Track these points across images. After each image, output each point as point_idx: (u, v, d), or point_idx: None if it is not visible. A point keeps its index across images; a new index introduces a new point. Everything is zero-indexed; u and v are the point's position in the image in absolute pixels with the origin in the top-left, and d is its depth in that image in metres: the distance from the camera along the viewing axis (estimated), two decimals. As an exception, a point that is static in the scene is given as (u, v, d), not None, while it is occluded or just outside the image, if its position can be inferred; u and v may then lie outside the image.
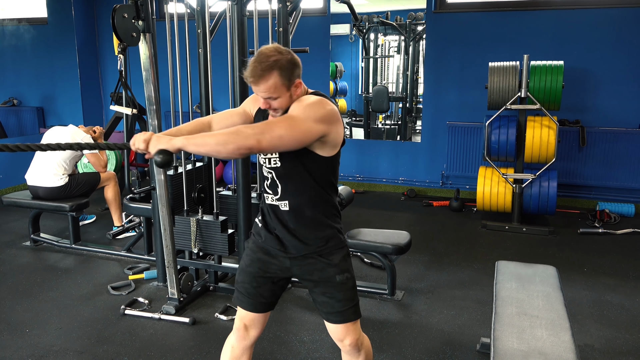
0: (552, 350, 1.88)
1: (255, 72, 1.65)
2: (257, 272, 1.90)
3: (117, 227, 4.48)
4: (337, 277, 1.83)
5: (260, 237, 1.90)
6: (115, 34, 2.65)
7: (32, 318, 3.08)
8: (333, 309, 1.85)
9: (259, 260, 1.90)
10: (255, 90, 1.69)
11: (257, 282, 1.90)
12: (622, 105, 5.17)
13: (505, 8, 5.38)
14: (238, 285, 1.94)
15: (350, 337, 1.88)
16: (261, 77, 1.65)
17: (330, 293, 1.84)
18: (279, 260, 1.87)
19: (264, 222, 1.89)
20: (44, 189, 4.11)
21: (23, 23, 6.75)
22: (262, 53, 1.67)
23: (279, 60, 1.66)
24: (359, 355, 1.95)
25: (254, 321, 1.94)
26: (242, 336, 1.95)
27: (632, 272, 3.74)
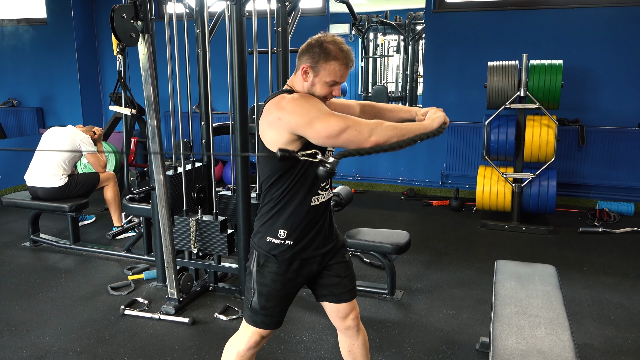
0: (551, 349, 1.88)
1: (351, 55, 1.74)
2: (289, 291, 1.87)
3: (117, 227, 4.48)
4: (347, 256, 1.97)
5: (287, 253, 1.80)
6: (114, 34, 2.65)
7: (32, 318, 3.08)
8: (345, 287, 1.93)
9: (290, 280, 1.83)
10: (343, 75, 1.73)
11: (289, 300, 1.90)
12: (622, 104, 5.17)
13: (504, 7, 5.38)
14: (267, 310, 1.84)
15: (355, 312, 1.98)
16: (353, 60, 1.75)
17: (343, 272, 1.93)
18: (311, 266, 1.86)
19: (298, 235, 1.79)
20: (43, 189, 4.11)
21: (22, 23, 6.76)
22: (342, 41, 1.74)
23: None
24: (358, 334, 2.01)
25: (272, 332, 1.94)
26: (254, 346, 1.92)
27: (631, 271, 3.74)
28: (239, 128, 3.04)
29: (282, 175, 1.75)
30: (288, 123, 1.65)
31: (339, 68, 1.70)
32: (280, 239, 1.79)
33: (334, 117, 1.62)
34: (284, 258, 1.81)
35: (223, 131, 3.59)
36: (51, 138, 4.26)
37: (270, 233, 1.80)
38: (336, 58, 1.69)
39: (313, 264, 1.87)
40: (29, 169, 4.21)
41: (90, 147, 4.30)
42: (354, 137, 1.58)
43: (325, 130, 1.60)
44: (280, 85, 3.33)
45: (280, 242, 1.80)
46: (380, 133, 1.58)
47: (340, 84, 1.73)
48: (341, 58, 1.70)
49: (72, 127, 4.36)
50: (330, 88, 1.73)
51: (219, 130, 3.57)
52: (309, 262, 1.85)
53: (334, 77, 1.71)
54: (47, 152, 4.14)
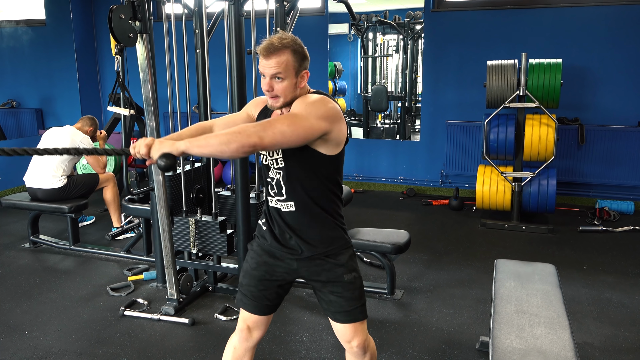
0: (551, 348, 1.88)
1: (271, 45, 1.66)
2: (262, 275, 1.88)
3: (116, 228, 4.48)
4: (345, 277, 1.84)
5: (266, 240, 1.88)
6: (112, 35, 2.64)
7: (32, 320, 3.07)
8: (341, 308, 1.84)
9: (264, 263, 1.88)
10: (264, 65, 1.68)
11: (263, 285, 1.88)
12: (621, 103, 5.16)
13: (503, 6, 5.38)
14: (242, 287, 1.91)
15: (358, 339, 1.88)
16: (275, 50, 1.66)
17: (338, 292, 1.84)
18: (286, 263, 1.86)
19: (269, 225, 1.87)
20: (42, 190, 4.10)
21: (21, 25, 6.75)
22: (280, 34, 1.71)
23: (295, 42, 1.70)
24: (364, 357, 1.94)
25: (257, 323, 1.93)
26: (245, 337, 1.94)
27: (631, 269, 3.74)
28: (238, 128, 3.03)
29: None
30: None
31: (260, 57, 1.69)
32: (262, 222, 1.93)
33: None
34: (260, 240, 1.92)
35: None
36: (50, 139, 4.26)
37: (261, 216, 1.95)
38: (258, 48, 1.69)
39: (292, 262, 1.85)
40: (28, 171, 4.21)
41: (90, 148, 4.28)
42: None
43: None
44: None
45: (261, 224, 1.93)
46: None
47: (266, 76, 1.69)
48: (260, 47, 1.69)
49: (71, 127, 4.35)
50: (263, 81, 1.72)
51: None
52: (274, 256, 1.86)
53: (259, 66, 1.72)
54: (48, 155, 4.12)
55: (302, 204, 1.79)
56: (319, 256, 1.83)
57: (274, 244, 1.86)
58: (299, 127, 1.61)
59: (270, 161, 1.80)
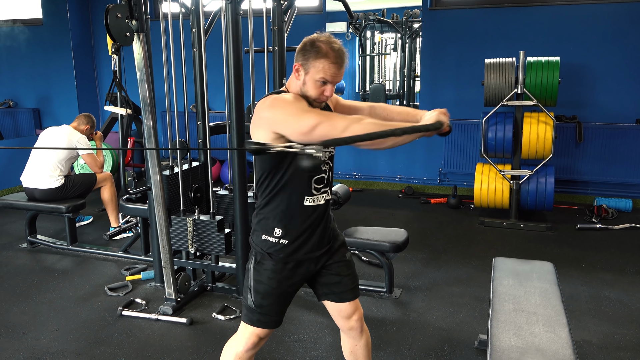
0: (549, 346, 1.88)
1: (343, 56, 1.70)
2: (285, 290, 1.85)
3: (114, 228, 4.47)
4: (347, 255, 1.95)
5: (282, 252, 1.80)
6: (108, 34, 2.63)
7: (29, 320, 3.07)
8: (347, 286, 1.92)
9: (286, 278, 1.83)
10: (334, 74, 1.69)
11: (285, 299, 1.88)
12: (619, 101, 5.17)
13: (500, 4, 5.38)
14: (263, 309, 1.83)
15: (358, 312, 1.97)
16: (345, 59, 1.72)
17: (343, 272, 1.91)
18: (305, 267, 1.85)
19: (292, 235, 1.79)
20: (40, 190, 4.09)
21: (18, 24, 6.74)
22: (336, 40, 1.72)
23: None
24: (361, 335, 2.00)
25: (270, 333, 1.93)
26: (252, 348, 1.90)
27: (629, 267, 3.74)
28: (235, 127, 3.03)
29: (271, 173, 1.76)
30: (268, 121, 1.67)
31: (329, 66, 1.67)
32: (276, 238, 1.80)
33: (308, 113, 1.62)
34: (279, 257, 1.81)
35: (219, 130, 3.58)
36: (47, 138, 4.25)
37: (265, 231, 1.81)
38: (326, 56, 1.67)
39: (310, 264, 1.86)
40: (25, 170, 4.20)
41: (85, 145, 4.27)
42: (327, 132, 1.55)
43: (297, 126, 1.60)
44: (276, 84, 3.33)
45: (275, 240, 1.80)
46: (357, 128, 1.52)
47: (332, 84, 1.71)
48: (331, 56, 1.67)
49: (67, 126, 4.34)
50: (322, 87, 1.71)
51: (215, 130, 3.56)
52: (305, 262, 1.85)
53: (323, 74, 1.68)
54: (43, 153, 4.12)
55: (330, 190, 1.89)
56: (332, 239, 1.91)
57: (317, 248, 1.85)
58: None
59: (324, 155, 1.79)
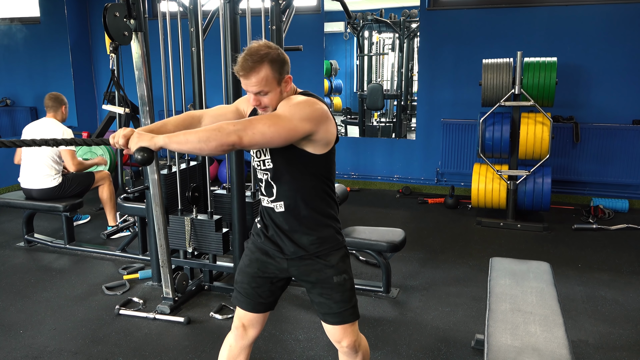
0: (546, 346, 1.89)
1: (246, 64, 1.64)
2: (255, 272, 1.89)
3: (112, 227, 4.46)
4: (335, 279, 1.81)
5: (260, 238, 1.89)
6: (106, 33, 2.63)
7: (26, 319, 3.06)
8: (330, 310, 1.83)
9: (257, 260, 1.89)
10: (246, 84, 1.67)
11: (256, 283, 1.89)
12: (616, 101, 5.18)
13: (498, 5, 5.39)
14: (237, 285, 1.93)
15: (348, 339, 1.87)
16: (252, 69, 1.63)
17: (327, 294, 1.82)
18: (277, 261, 1.87)
19: (263, 224, 1.89)
20: (37, 190, 4.08)
21: (15, 22, 6.72)
22: (251, 47, 1.67)
23: (269, 53, 1.66)
24: (356, 356, 1.94)
25: (252, 321, 1.93)
26: (240, 335, 1.94)
27: (625, 267, 3.76)
28: (233, 127, 3.02)
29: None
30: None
31: (240, 78, 1.68)
32: (257, 221, 1.94)
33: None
34: (254, 238, 1.93)
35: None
36: (31, 134, 4.12)
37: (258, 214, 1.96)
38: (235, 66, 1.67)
39: (280, 261, 1.85)
40: (22, 172, 4.15)
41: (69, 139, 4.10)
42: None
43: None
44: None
45: (256, 222, 1.94)
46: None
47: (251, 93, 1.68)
48: (236, 67, 1.66)
49: (48, 119, 4.17)
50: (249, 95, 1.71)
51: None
52: (267, 254, 1.87)
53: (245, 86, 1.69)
54: (36, 152, 4.04)
55: (291, 204, 1.78)
56: (308, 256, 1.82)
57: (266, 242, 1.87)
58: (281, 127, 1.60)
59: (257, 162, 1.80)
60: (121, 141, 1.61)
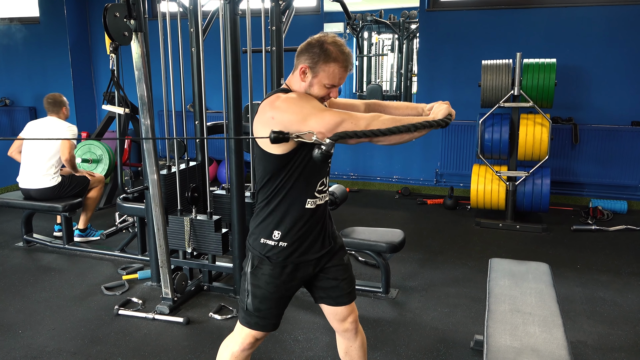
0: (545, 347, 1.89)
1: (351, 57, 1.71)
2: (283, 294, 1.85)
3: (80, 230, 4.33)
4: (345, 258, 1.93)
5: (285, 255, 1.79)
6: (106, 33, 2.63)
7: (25, 319, 3.06)
8: (343, 290, 1.91)
9: (283, 283, 1.82)
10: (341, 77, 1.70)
11: (283, 303, 1.88)
12: (615, 103, 5.19)
13: (498, 6, 5.40)
14: (261, 312, 1.84)
15: (353, 315, 1.97)
16: (352, 63, 1.72)
17: (340, 275, 1.90)
18: (306, 269, 1.84)
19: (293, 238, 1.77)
20: (36, 190, 4.06)
21: (15, 22, 6.71)
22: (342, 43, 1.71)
23: None
24: (356, 336, 2.00)
25: (266, 334, 1.93)
26: (248, 348, 1.92)
27: (624, 268, 3.76)
28: (232, 127, 3.03)
29: (275, 175, 1.73)
30: (281, 121, 1.62)
31: (339, 71, 1.67)
32: (274, 241, 1.78)
33: (328, 112, 1.62)
34: (278, 261, 1.79)
35: (217, 130, 3.59)
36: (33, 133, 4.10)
37: (264, 234, 1.79)
38: (336, 60, 1.66)
39: (308, 267, 1.85)
40: (21, 172, 4.12)
41: (71, 135, 4.08)
42: (351, 130, 1.57)
43: (319, 125, 1.57)
44: (274, 84, 3.33)
45: (274, 243, 1.78)
46: (378, 125, 1.57)
47: (338, 87, 1.71)
48: (341, 61, 1.67)
49: (52, 118, 4.16)
50: (328, 90, 1.71)
51: (213, 130, 3.56)
52: (303, 265, 1.83)
53: (332, 80, 1.68)
54: (35, 152, 4.04)
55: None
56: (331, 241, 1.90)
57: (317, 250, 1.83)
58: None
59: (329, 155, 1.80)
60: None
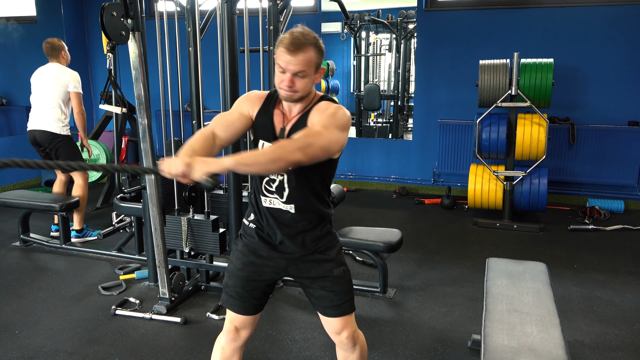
0: (542, 346, 1.89)
1: (298, 41, 1.63)
2: (249, 275, 1.87)
3: (77, 231, 4.31)
4: (335, 271, 1.86)
5: (253, 239, 1.87)
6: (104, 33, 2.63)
7: (22, 319, 3.05)
8: (331, 302, 1.86)
9: (251, 263, 1.87)
10: (289, 62, 1.64)
11: (250, 286, 1.88)
12: (612, 103, 5.20)
13: (495, 6, 5.40)
14: (228, 288, 1.90)
15: (348, 330, 1.90)
16: (302, 46, 1.63)
17: (328, 287, 1.85)
18: (274, 262, 1.86)
19: (259, 225, 1.86)
20: (41, 132, 4.13)
21: (11, 22, 6.69)
22: (300, 29, 1.67)
23: (317, 39, 1.69)
24: (354, 349, 1.96)
25: (244, 323, 1.93)
26: (232, 338, 1.93)
27: (621, 268, 3.77)
28: (230, 127, 3.02)
29: None
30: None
31: (282, 51, 1.64)
32: (248, 221, 1.90)
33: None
34: (246, 240, 1.89)
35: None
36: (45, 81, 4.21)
37: (246, 214, 1.93)
38: (282, 43, 1.65)
39: (279, 260, 1.85)
40: (31, 115, 4.22)
41: (79, 87, 4.24)
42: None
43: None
44: (271, 83, 3.33)
45: (247, 223, 1.90)
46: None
47: (288, 72, 1.65)
48: (284, 42, 1.64)
49: (55, 64, 4.27)
50: (281, 76, 1.67)
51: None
52: (262, 256, 1.86)
53: (277, 59, 1.66)
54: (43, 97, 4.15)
55: (302, 206, 1.80)
56: (309, 253, 1.85)
57: (262, 244, 1.86)
58: (334, 142, 1.65)
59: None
60: (180, 169, 1.54)
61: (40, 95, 4.19)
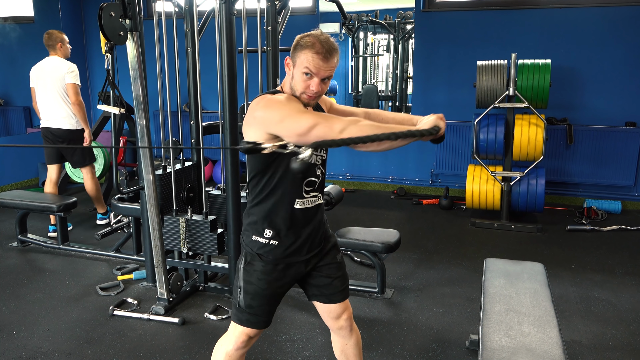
0: (540, 346, 1.90)
1: (329, 46, 1.64)
2: (275, 291, 1.85)
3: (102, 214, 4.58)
4: (338, 257, 1.95)
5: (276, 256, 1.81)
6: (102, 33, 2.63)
7: (20, 320, 3.05)
8: (336, 288, 1.93)
9: (275, 280, 1.83)
10: (320, 67, 1.64)
11: (275, 300, 1.89)
12: (609, 103, 5.22)
13: (493, 7, 5.41)
14: (252, 309, 1.84)
15: (347, 312, 1.98)
16: (333, 52, 1.66)
17: (334, 274, 1.92)
18: (295, 269, 1.86)
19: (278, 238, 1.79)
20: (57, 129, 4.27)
21: (9, 22, 6.68)
22: (322, 33, 1.69)
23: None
24: (351, 334, 2.01)
25: (260, 333, 1.93)
26: (243, 347, 1.92)
27: (618, 268, 3.78)
28: (228, 127, 3.03)
29: (261, 173, 1.76)
30: (262, 121, 1.64)
31: (312, 56, 1.63)
32: (266, 239, 1.80)
33: (305, 114, 1.58)
34: (269, 259, 1.81)
35: (213, 130, 3.58)
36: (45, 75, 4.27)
37: (255, 232, 1.81)
38: (311, 47, 1.64)
39: (300, 265, 1.86)
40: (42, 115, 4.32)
41: (74, 78, 4.28)
42: (324, 134, 1.51)
43: (294, 127, 1.56)
44: (270, 84, 3.33)
45: (265, 241, 1.80)
46: (353, 130, 1.49)
47: (318, 77, 1.65)
48: (316, 47, 1.63)
49: (52, 58, 4.31)
50: (307, 81, 1.67)
51: (208, 130, 3.56)
52: (295, 264, 1.85)
53: (307, 64, 1.64)
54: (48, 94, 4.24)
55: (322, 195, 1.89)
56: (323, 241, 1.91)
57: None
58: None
59: (316, 158, 1.81)
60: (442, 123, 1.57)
61: (45, 92, 4.27)
